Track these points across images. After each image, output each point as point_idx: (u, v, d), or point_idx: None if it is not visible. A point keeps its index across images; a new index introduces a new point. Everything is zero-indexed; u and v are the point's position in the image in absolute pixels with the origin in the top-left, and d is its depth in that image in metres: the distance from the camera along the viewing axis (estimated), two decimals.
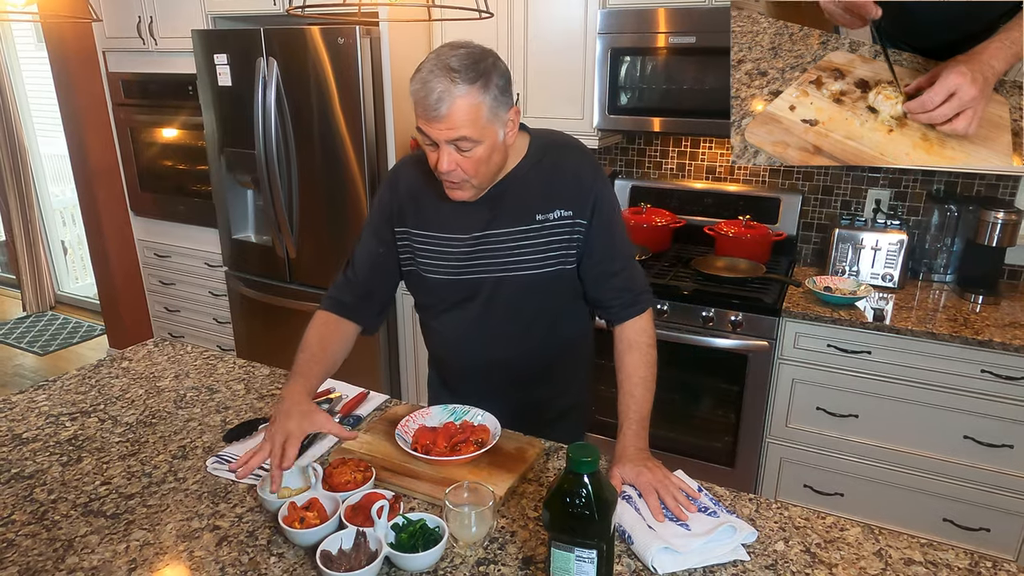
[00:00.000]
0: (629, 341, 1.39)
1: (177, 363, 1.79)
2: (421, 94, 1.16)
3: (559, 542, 0.92)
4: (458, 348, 1.47)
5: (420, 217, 1.39)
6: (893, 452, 2.25)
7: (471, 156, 1.20)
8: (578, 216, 1.34)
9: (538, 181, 1.34)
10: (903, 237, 2.36)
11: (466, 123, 1.16)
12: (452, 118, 1.15)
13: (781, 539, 1.15)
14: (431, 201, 1.38)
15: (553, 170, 1.34)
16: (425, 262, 1.40)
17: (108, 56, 3.40)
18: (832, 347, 2.23)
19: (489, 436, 1.34)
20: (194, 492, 1.25)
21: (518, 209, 1.33)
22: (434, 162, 1.22)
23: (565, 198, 1.33)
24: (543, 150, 1.36)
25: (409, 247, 1.41)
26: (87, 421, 1.50)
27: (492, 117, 1.19)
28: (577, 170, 1.35)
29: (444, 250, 1.38)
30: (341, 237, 2.89)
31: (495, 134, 1.21)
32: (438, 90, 1.14)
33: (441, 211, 1.37)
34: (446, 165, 1.20)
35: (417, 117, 1.19)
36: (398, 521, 1.10)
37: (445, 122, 1.15)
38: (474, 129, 1.17)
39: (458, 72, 1.15)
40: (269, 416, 1.48)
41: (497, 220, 1.34)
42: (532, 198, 1.34)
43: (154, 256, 3.68)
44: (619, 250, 1.39)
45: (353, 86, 2.65)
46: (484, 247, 1.35)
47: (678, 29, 2.37)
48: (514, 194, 1.34)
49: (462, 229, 1.36)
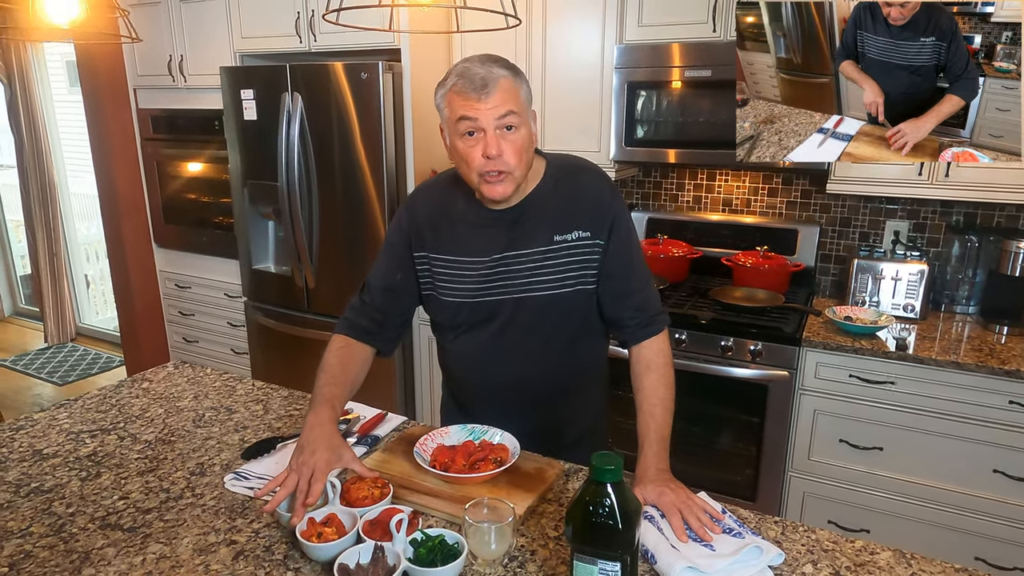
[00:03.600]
0: (647, 362, 1.38)
1: (196, 384, 1.80)
2: (462, 82, 1.21)
3: (582, 554, 0.90)
4: (476, 369, 1.46)
5: (439, 241, 1.41)
6: (920, 487, 2.19)
7: (515, 140, 1.24)
8: (596, 237, 1.35)
9: (556, 203, 1.36)
10: (924, 268, 2.35)
11: (510, 99, 1.21)
12: (498, 95, 1.20)
13: (809, 562, 1.11)
14: (450, 225, 1.40)
15: (570, 192, 1.36)
16: (444, 285, 1.41)
17: (139, 93, 3.52)
18: (855, 377, 2.19)
19: (508, 455, 1.32)
20: (211, 508, 1.25)
21: (537, 231, 1.35)
22: (479, 154, 1.24)
23: (583, 219, 1.35)
24: (560, 172, 1.39)
25: (428, 271, 1.43)
26: (107, 438, 1.51)
27: (527, 105, 1.26)
28: (594, 191, 1.37)
29: (463, 273, 1.39)
30: (359, 267, 2.92)
31: (530, 124, 1.27)
32: (481, 74, 1.20)
33: (459, 234, 1.39)
34: (495, 149, 1.22)
35: (457, 109, 1.22)
36: (416, 536, 1.08)
37: (493, 99, 1.20)
38: (517, 105, 1.23)
39: (495, 62, 1.23)
40: (285, 436, 1.48)
41: (516, 242, 1.35)
42: (550, 219, 1.35)
43: (175, 287, 3.73)
44: (636, 270, 1.40)
45: (375, 120, 2.72)
46: (503, 269, 1.36)
47: (693, 63, 2.42)
48: (532, 216, 1.35)
49: (481, 252, 1.37)
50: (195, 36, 3.24)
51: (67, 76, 4.88)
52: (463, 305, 1.40)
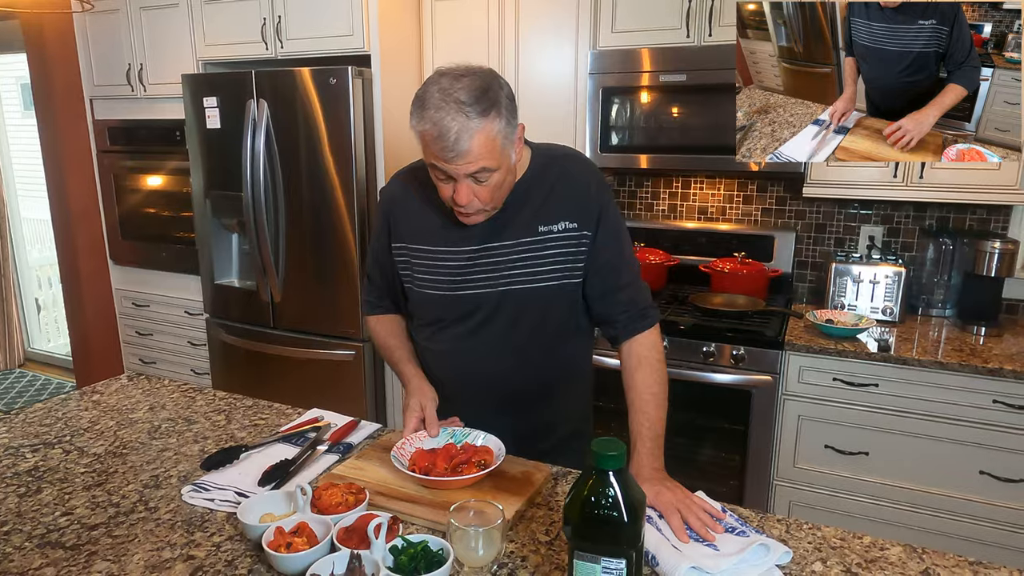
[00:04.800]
0: (639, 357, 1.32)
1: (152, 396, 1.67)
2: (434, 134, 1.11)
3: (583, 552, 0.82)
4: (457, 368, 1.38)
5: (415, 231, 1.35)
6: (907, 491, 2.15)
7: (488, 184, 1.17)
8: (583, 228, 1.29)
9: (541, 193, 1.30)
10: (901, 271, 2.34)
11: (485, 155, 1.13)
12: (473, 152, 1.12)
13: (818, 559, 1.05)
14: (425, 215, 1.34)
15: (556, 181, 1.30)
16: (422, 277, 1.34)
17: (95, 103, 3.38)
18: (838, 380, 2.16)
19: (493, 458, 1.24)
20: (166, 521, 1.13)
21: (520, 221, 1.29)
22: (449, 195, 1.19)
23: (569, 210, 1.29)
24: (547, 161, 1.33)
25: (407, 263, 1.36)
26: (50, 452, 1.37)
27: (506, 143, 1.16)
28: (581, 181, 1.31)
29: (441, 264, 1.32)
30: (328, 280, 2.81)
31: (509, 158, 1.19)
32: (455, 129, 1.10)
33: (436, 225, 1.32)
34: (464, 199, 1.17)
35: (429, 156, 1.16)
36: (396, 543, 0.99)
37: (465, 158, 1.12)
38: (492, 159, 1.14)
39: (470, 105, 1.10)
40: (250, 445, 1.37)
41: (498, 233, 1.29)
42: (535, 210, 1.29)
43: (132, 306, 3.56)
44: (626, 263, 1.34)
45: (344, 127, 2.64)
46: (484, 261, 1.29)
47: (668, 68, 2.40)
48: (516, 206, 1.29)
49: (460, 242, 1.30)
50: (156, 44, 3.13)
51: (21, 100, 4.71)
52: (442, 298, 1.32)
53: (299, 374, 2.95)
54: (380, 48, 2.65)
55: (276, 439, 1.41)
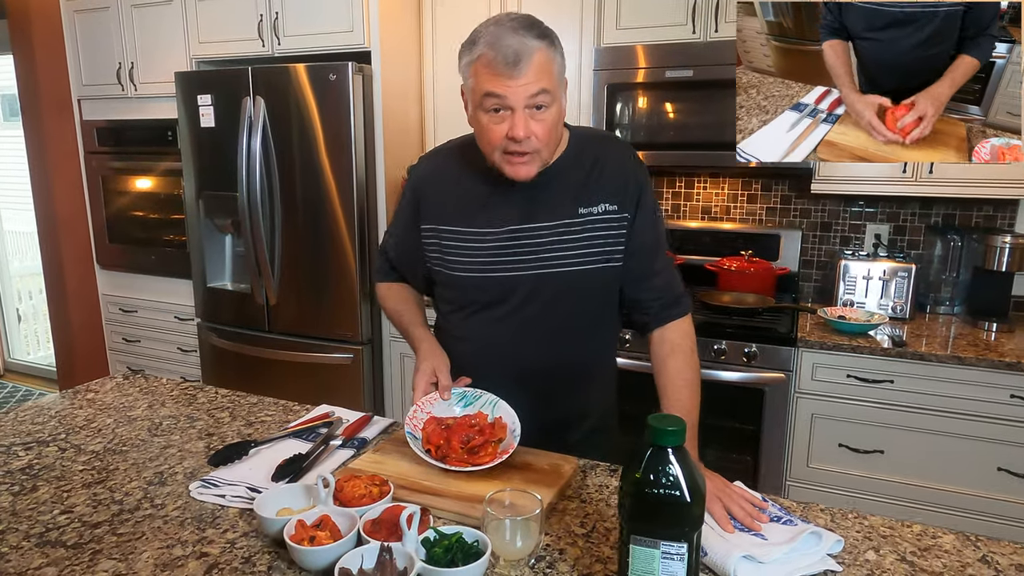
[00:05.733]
0: (672, 344, 1.27)
1: (150, 394, 1.59)
2: (492, 54, 1.08)
3: (640, 536, 0.76)
4: (487, 355, 1.31)
5: (447, 212, 1.29)
6: (924, 489, 2.11)
7: (545, 119, 1.13)
8: (623, 210, 1.26)
9: (581, 174, 1.26)
10: (911, 267, 2.32)
11: (544, 76, 1.10)
12: (531, 72, 1.08)
13: (870, 548, 0.99)
14: (459, 193, 1.29)
15: (596, 163, 1.27)
16: (453, 259, 1.28)
17: (84, 104, 3.30)
18: (852, 377, 2.12)
19: (507, 432, 1.19)
20: (175, 519, 1.05)
21: (558, 202, 1.24)
22: (502, 134, 1.13)
23: (609, 191, 1.25)
24: (584, 143, 1.29)
25: (437, 245, 1.30)
26: (44, 450, 1.29)
27: (560, 79, 1.14)
28: (621, 163, 1.28)
29: (474, 245, 1.26)
30: (324, 281, 2.74)
31: (561, 99, 1.16)
32: (514, 46, 1.07)
33: (469, 204, 1.27)
34: (523, 131, 1.11)
35: (484, 82, 1.11)
36: (428, 535, 0.92)
37: (525, 76, 1.08)
38: (550, 83, 1.11)
39: (527, 30, 1.09)
40: (259, 440, 1.30)
41: (535, 214, 1.24)
42: (574, 191, 1.25)
43: (119, 312, 3.45)
44: (661, 248, 1.31)
45: (343, 125, 2.58)
46: (519, 242, 1.25)
47: (675, 63, 2.38)
48: (555, 187, 1.25)
49: (494, 223, 1.25)
50: (147, 42, 3.06)
51: (2, 110, 4.60)
52: (474, 281, 1.27)
53: (295, 378, 2.86)
54: (381, 44, 2.61)
55: (286, 435, 1.33)
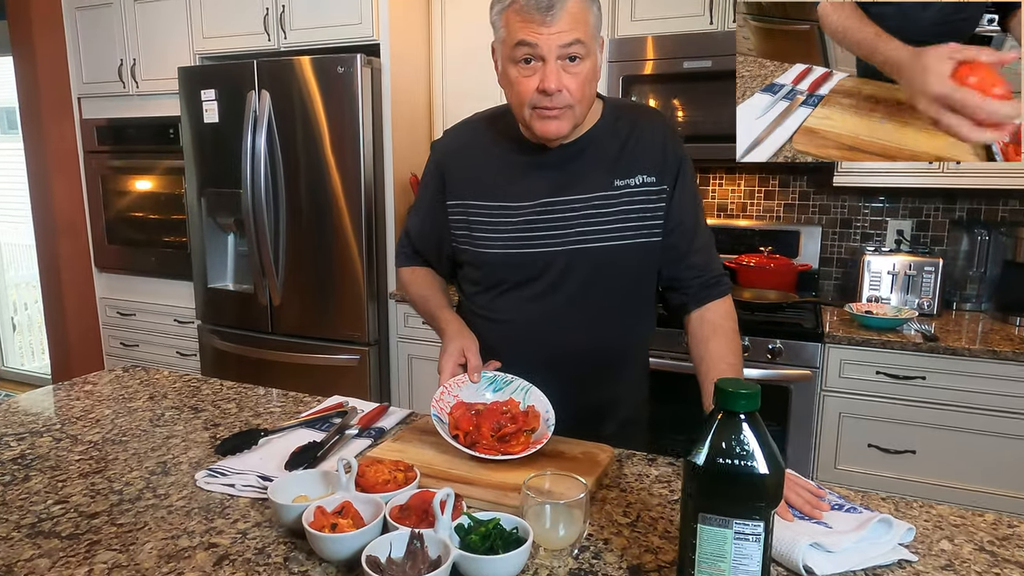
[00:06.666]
0: (713, 325, 1.19)
1: (151, 386, 1.50)
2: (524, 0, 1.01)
3: (710, 514, 0.68)
4: (515, 337, 1.23)
5: (474, 186, 1.22)
6: (958, 491, 2.02)
7: (579, 72, 1.06)
8: (662, 182, 1.18)
9: (616, 144, 1.18)
10: (937, 261, 2.25)
11: (578, 25, 1.03)
12: (565, 19, 1.01)
13: (943, 537, 0.91)
14: (486, 167, 1.22)
15: (632, 133, 1.19)
16: (481, 235, 1.21)
17: (84, 102, 3.23)
18: (882, 374, 2.04)
19: (540, 421, 1.10)
20: (180, 508, 0.96)
21: (593, 173, 1.17)
22: (534, 85, 1.06)
23: (647, 163, 1.18)
24: (619, 112, 1.22)
25: (464, 221, 1.23)
26: (38, 441, 1.20)
27: (595, 32, 1.07)
28: (659, 133, 1.20)
29: (504, 220, 1.19)
30: (331, 281, 2.65)
31: (596, 55, 1.09)
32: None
33: (498, 177, 1.20)
34: (554, 82, 1.04)
35: (516, 30, 1.04)
36: (462, 522, 0.83)
37: (559, 24, 1.01)
38: (585, 34, 1.04)
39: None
40: (269, 429, 1.21)
41: (568, 186, 1.17)
42: (609, 162, 1.17)
43: (117, 315, 3.36)
44: (700, 225, 1.24)
45: (352, 119, 2.51)
46: (551, 216, 1.17)
47: (693, 54, 2.32)
48: (589, 157, 1.18)
49: (524, 196, 1.18)
50: (150, 38, 3.00)
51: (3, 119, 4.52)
52: (504, 257, 1.19)
53: (298, 381, 2.77)
54: (390, 36, 2.55)
55: (298, 424, 1.25)
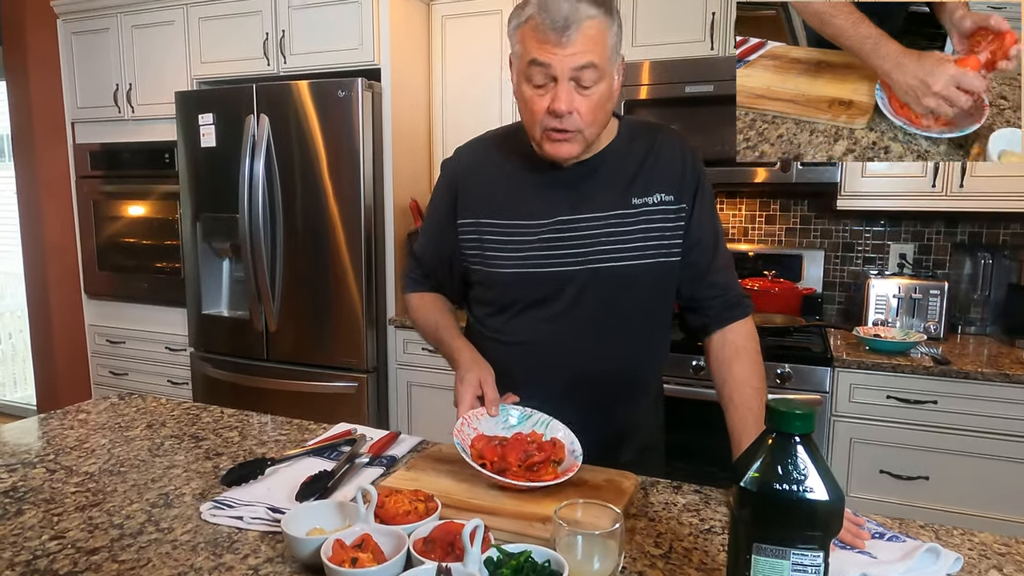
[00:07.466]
0: (736, 347, 1.16)
1: (149, 414, 1.45)
2: (540, 17, 0.99)
3: (765, 544, 0.63)
4: (530, 360, 1.19)
5: (487, 204, 1.19)
6: (973, 518, 1.98)
7: (591, 96, 1.03)
8: (680, 200, 1.16)
9: (634, 162, 1.16)
10: (943, 284, 2.24)
11: (594, 48, 1.00)
12: (580, 41, 0.99)
13: (991, 567, 0.87)
14: (499, 185, 1.19)
15: (649, 151, 1.17)
16: (494, 254, 1.17)
17: (77, 127, 3.20)
18: (893, 398, 2.01)
19: (566, 452, 1.06)
20: (186, 543, 0.91)
21: (610, 191, 1.15)
22: (545, 105, 1.03)
23: (665, 181, 1.15)
24: (636, 131, 1.20)
25: (476, 240, 1.19)
26: (31, 472, 1.14)
27: (614, 54, 1.04)
28: (677, 151, 1.18)
29: (518, 239, 1.16)
30: (328, 307, 2.60)
31: (612, 77, 1.06)
32: (564, 11, 0.98)
33: (511, 195, 1.17)
34: (565, 104, 1.01)
35: (531, 49, 1.02)
36: (491, 555, 0.78)
37: (572, 46, 0.99)
38: (601, 57, 1.01)
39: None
40: (276, 459, 1.15)
41: (583, 204, 1.14)
42: (627, 180, 1.15)
43: (106, 343, 3.28)
44: (720, 245, 1.21)
45: (352, 143, 2.49)
46: (566, 235, 1.14)
47: (694, 79, 2.33)
48: (606, 175, 1.15)
49: (538, 214, 1.15)
50: (146, 63, 2.98)
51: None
52: (517, 277, 1.15)
53: (295, 408, 2.69)
54: (391, 61, 2.55)
55: (305, 452, 1.19)
